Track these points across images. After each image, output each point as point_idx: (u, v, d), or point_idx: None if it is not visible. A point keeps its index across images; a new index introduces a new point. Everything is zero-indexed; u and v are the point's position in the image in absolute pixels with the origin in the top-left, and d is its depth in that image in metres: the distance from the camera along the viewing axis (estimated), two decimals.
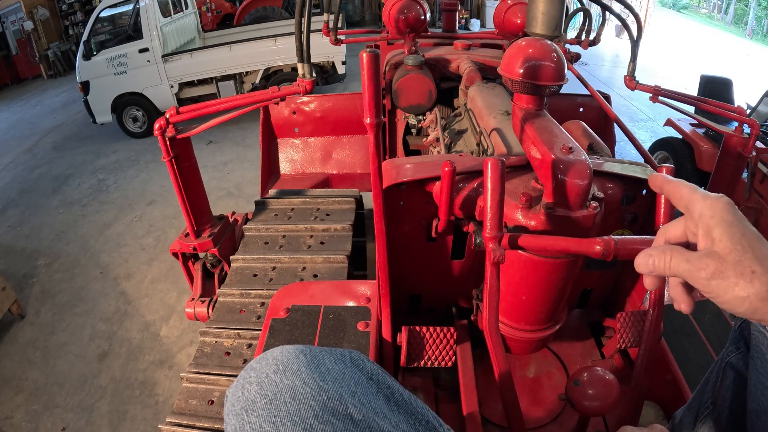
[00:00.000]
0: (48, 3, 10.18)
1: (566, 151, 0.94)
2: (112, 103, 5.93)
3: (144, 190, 4.86)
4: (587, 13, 2.23)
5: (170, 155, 1.81)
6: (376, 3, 11.87)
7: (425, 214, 1.23)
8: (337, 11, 2.58)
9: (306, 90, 1.67)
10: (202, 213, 2.06)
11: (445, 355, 1.19)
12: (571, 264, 1.00)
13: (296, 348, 0.58)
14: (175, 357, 2.83)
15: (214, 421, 1.44)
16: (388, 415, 0.53)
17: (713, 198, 0.48)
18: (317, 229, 2.04)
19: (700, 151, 3.71)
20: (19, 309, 3.24)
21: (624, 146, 4.24)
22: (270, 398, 0.51)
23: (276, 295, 1.40)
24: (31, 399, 2.68)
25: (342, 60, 6.16)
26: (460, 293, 1.42)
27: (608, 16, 2.21)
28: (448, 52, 2.12)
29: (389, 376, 0.60)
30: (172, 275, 3.52)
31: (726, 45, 11.75)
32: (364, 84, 0.92)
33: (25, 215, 4.66)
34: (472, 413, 1.15)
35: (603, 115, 2.34)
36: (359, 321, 1.27)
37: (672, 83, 5.85)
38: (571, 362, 1.42)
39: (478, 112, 1.55)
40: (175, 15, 6.34)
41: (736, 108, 2.04)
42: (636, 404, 1.09)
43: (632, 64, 1.96)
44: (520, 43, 1.03)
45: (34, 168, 5.71)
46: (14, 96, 9.17)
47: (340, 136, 2.76)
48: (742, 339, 0.79)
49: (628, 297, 1.42)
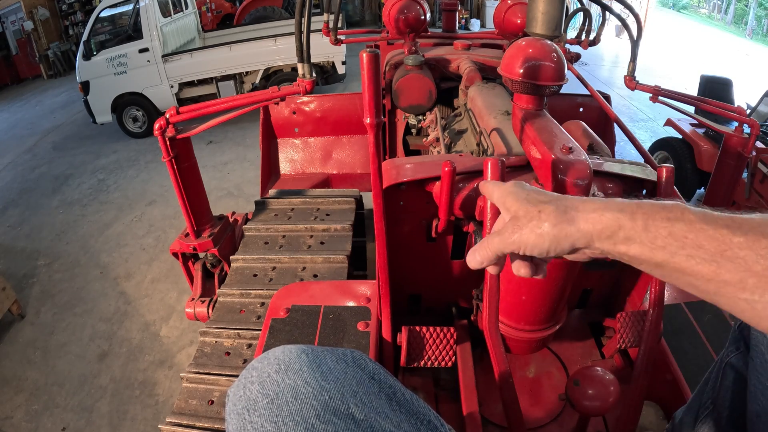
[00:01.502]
0: (48, 3, 10.18)
1: (566, 151, 0.94)
2: (112, 103, 5.92)
3: (144, 190, 4.86)
4: (587, 13, 2.23)
5: (170, 155, 1.81)
6: (376, 3, 11.86)
7: (425, 214, 1.23)
8: (337, 11, 2.58)
9: (306, 90, 1.67)
10: (202, 213, 2.06)
11: (445, 355, 1.19)
12: (571, 264, 1.00)
13: (298, 347, 0.58)
14: (175, 357, 2.83)
15: (214, 421, 1.44)
16: (390, 414, 0.53)
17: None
18: (317, 229, 2.04)
19: (700, 151, 3.70)
20: (19, 309, 3.24)
21: (624, 146, 4.24)
22: (272, 398, 0.51)
23: (276, 295, 1.40)
24: (31, 399, 2.68)
25: (342, 60, 6.15)
26: (460, 293, 1.42)
27: (608, 16, 2.21)
28: (448, 52, 2.12)
29: (391, 376, 0.60)
30: (172, 275, 3.52)
31: (726, 45, 11.75)
32: (364, 84, 0.92)
33: (25, 215, 4.65)
34: (472, 413, 1.15)
35: (603, 115, 2.34)
36: (359, 321, 1.27)
37: (672, 83, 5.86)
38: (571, 362, 1.42)
39: (478, 112, 1.55)
40: (175, 15, 6.34)
41: (736, 108, 2.04)
42: (636, 404, 1.09)
43: (632, 64, 1.96)
44: (520, 43, 1.03)
45: (34, 168, 5.71)
46: (14, 96, 9.16)
47: (340, 136, 2.76)
48: (742, 339, 0.79)
49: (628, 297, 1.42)
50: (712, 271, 0.42)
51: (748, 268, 0.39)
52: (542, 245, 0.51)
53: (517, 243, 0.52)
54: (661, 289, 1.10)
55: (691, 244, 0.43)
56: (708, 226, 0.42)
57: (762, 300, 0.39)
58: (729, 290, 0.41)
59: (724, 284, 0.41)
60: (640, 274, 1.34)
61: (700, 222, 0.43)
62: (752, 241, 0.40)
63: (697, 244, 0.42)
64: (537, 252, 0.52)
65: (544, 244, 0.50)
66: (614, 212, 0.47)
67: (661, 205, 0.46)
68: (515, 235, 0.52)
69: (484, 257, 0.55)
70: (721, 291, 0.42)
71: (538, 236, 0.50)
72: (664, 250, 0.44)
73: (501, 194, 0.56)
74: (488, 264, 0.56)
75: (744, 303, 0.40)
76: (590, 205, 0.49)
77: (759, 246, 0.39)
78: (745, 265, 0.40)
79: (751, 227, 0.41)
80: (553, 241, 0.50)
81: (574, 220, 0.49)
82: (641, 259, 0.47)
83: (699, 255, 0.42)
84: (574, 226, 0.49)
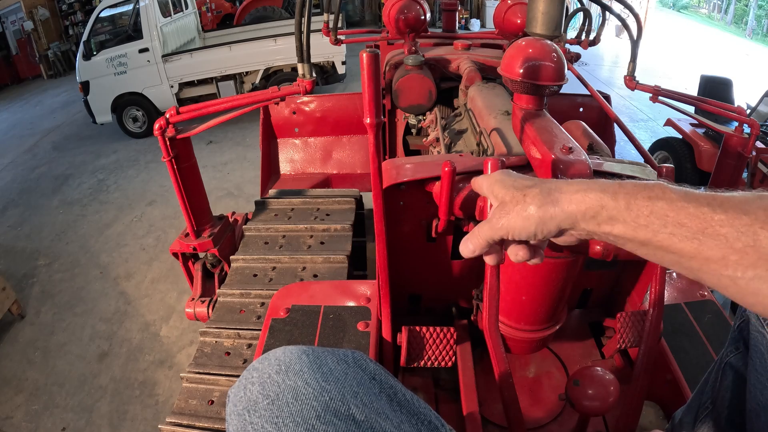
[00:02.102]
0: (48, 3, 10.17)
1: (566, 151, 0.94)
2: (112, 103, 5.92)
3: (144, 190, 4.86)
4: (587, 13, 2.23)
5: (170, 155, 1.81)
6: (376, 3, 11.86)
7: (425, 214, 1.23)
8: (337, 11, 2.58)
9: (306, 90, 1.67)
10: (202, 213, 2.06)
11: (445, 355, 1.19)
12: (571, 264, 1.01)
13: (298, 348, 0.58)
14: (175, 357, 2.83)
15: (214, 421, 1.44)
16: (391, 415, 0.53)
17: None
18: (317, 229, 2.04)
19: (700, 151, 3.70)
20: (19, 309, 3.24)
21: (624, 146, 4.24)
22: (272, 399, 0.51)
23: (276, 295, 1.40)
24: (31, 399, 2.68)
25: (342, 60, 6.15)
26: (460, 293, 1.42)
27: (608, 16, 2.21)
28: (448, 52, 2.12)
29: (391, 377, 0.60)
30: (172, 275, 3.52)
31: (726, 45, 11.75)
32: (364, 84, 0.92)
33: (25, 215, 4.65)
34: (472, 413, 1.15)
35: (603, 115, 2.34)
36: (359, 321, 1.27)
37: (672, 83, 5.86)
38: (571, 362, 1.42)
39: (478, 112, 1.55)
40: (175, 15, 6.34)
41: (736, 108, 2.04)
42: (636, 404, 1.09)
43: (632, 64, 1.96)
44: (520, 43, 1.03)
45: (34, 168, 5.71)
46: (14, 96, 9.16)
47: (340, 136, 2.76)
48: (742, 339, 0.79)
49: (628, 297, 1.42)
50: (695, 249, 0.42)
51: (730, 245, 0.40)
52: (529, 228, 0.51)
53: (505, 228, 0.53)
54: (661, 289, 1.10)
55: (673, 222, 0.43)
56: (689, 204, 0.43)
57: (744, 276, 0.39)
58: (712, 267, 0.41)
59: (707, 261, 0.41)
60: (640, 274, 1.33)
61: (681, 200, 0.43)
62: (733, 218, 0.40)
63: (679, 222, 0.43)
64: (525, 235, 0.52)
65: (531, 226, 0.51)
66: (597, 192, 0.48)
67: (643, 185, 0.46)
68: (503, 220, 0.53)
69: (476, 245, 0.56)
70: (704, 268, 0.42)
71: (524, 219, 0.51)
72: (646, 229, 0.45)
73: (489, 183, 0.57)
74: (480, 252, 0.57)
75: (727, 279, 0.41)
76: (574, 187, 0.50)
77: (740, 223, 0.40)
78: (726, 242, 0.40)
79: (732, 205, 0.41)
80: (539, 223, 0.51)
81: (558, 202, 0.50)
82: (625, 237, 0.47)
83: (681, 233, 0.42)
84: (558, 206, 0.50)
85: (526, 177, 0.56)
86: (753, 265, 0.39)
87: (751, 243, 0.39)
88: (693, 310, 1.40)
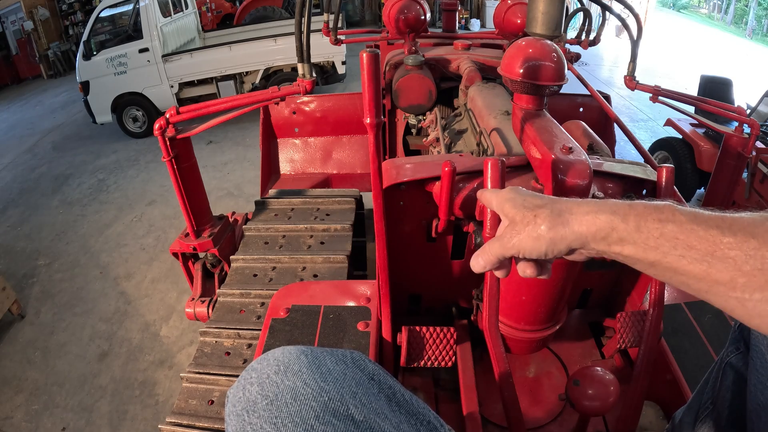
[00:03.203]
0: (48, 3, 10.17)
1: (566, 151, 0.94)
2: (112, 103, 5.92)
3: (144, 190, 4.86)
4: (587, 13, 2.23)
5: (170, 155, 1.81)
6: (376, 3, 11.86)
7: (425, 214, 1.23)
8: (337, 11, 2.58)
9: (306, 90, 1.67)
10: (202, 213, 2.06)
11: (445, 355, 1.19)
12: (571, 264, 1.00)
13: (297, 349, 0.58)
14: (175, 357, 2.83)
15: (214, 421, 1.44)
16: (390, 415, 0.53)
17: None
18: (317, 229, 2.04)
19: (700, 151, 3.70)
20: (19, 309, 3.24)
21: (624, 146, 4.23)
22: (271, 399, 0.51)
23: (276, 295, 1.40)
24: (31, 399, 2.68)
25: (342, 60, 6.15)
26: (460, 293, 1.42)
27: (608, 16, 2.21)
28: (448, 52, 2.12)
29: (390, 377, 0.60)
30: (172, 275, 3.52)
31: (726, 45, 11.75)
32: (364, 84, 0.92)
33: (25, 215, 4.65)
34: (472, 413, 1.15)
35: (603, 115, 2.34)
36: (359, 321, 1.27)
37: (672, 83, 5.86)
38: (571, 362, 1.42)
39: (478, 112, 1.55)
40: (175, 15, 6.34)
41: (736, 108, 2.04)
42: (636, 404, 1.09)
43: (632, 64, 1.96)
44: (520, 43, 1.03)
45: (34, 168, 5.71)
46: (14, 96, 9.16)
47: (340, 136, 2.76)
48: (742, 339, 0.79)
49: (628, 297, 1.42)
50: (703, 271, 0.42)
51: (738, 267, 0.40)
52: (540, 248, 0.52)
53: (516, 247, 0.54)
54: (661, 289, 1.10)
55: (683, 244, 0.43)
56: (698, 226, 0.43)
57: (752, 298, 0.40)
58: (720, 289, 0.42)
59: (716, 283, 0.42)
60: (640, 274, 1.33)
61: (690, 223, 0.44)
62: (741, 242, 0.41)
63: (688, 245, 0.43)
64: (536, 255, 0.53)
65: (542, 247, 0.52)
66: (607, 214, 0.49)
67: (653, 206, 0.47)
68: (514, 239, 0.54)
69: (487, 261, 0.57)
70: (713, 290, 0.43)
71: (535, 240, 0.52)
72: (656, 251, 0.45)
73: (499, 201, 0.58)
74: (491, 268, 0.57)
75: (735, 301, 0.41)
76: (584, 208, 0.51)
77: (748, 246, 0.40)
78: (734, 265, 0.40)
79: (741, 227, 0.41)
80: (550, 244, 0.52)
81: (569, 223, 0.50)
82: (635, 258, 0.48)
83: (690, 255, 0.43)
84: (568, 228, 0.50)
85: (536, 195, 0.56)
86: (761, 288, 0.39)
87: (759, 266, 0.39)
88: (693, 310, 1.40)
